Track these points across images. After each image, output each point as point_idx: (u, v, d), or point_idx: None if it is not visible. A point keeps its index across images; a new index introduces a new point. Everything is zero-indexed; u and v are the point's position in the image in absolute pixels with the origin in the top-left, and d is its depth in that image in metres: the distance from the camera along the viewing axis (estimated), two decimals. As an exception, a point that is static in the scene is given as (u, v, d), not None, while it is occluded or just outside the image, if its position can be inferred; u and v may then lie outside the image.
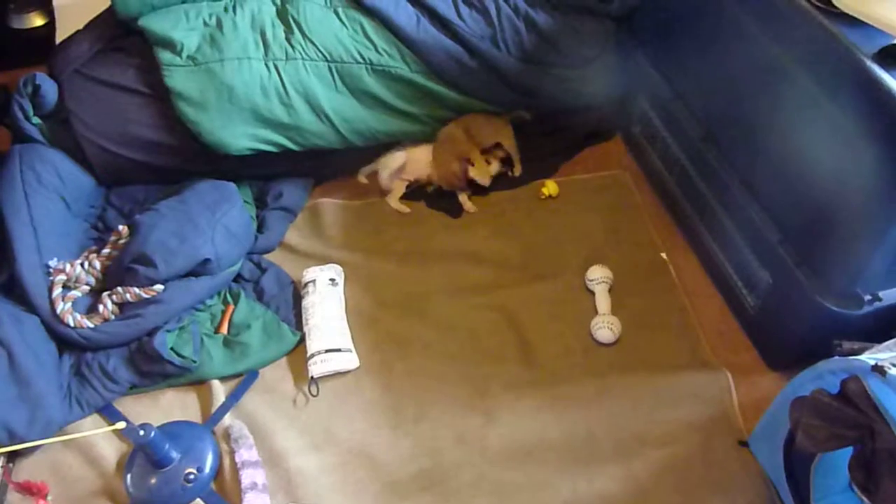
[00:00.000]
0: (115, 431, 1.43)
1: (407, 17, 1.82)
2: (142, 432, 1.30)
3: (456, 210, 1.87)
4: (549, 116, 2.00)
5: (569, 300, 1.67)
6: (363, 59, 1.77)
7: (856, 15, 1.24)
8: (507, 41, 1.86)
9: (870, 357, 1.06)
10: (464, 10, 1.87)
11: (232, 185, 1.76)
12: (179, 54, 1.69)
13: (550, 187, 1.89)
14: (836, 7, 1.26)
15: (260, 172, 1.86)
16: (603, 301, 1.63)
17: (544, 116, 2.00)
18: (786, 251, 1.41)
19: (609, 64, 1.93)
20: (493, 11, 1.87)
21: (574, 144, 2.01)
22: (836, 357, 1.11)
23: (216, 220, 1.64)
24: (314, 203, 1.90)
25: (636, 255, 1.75)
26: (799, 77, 1.32)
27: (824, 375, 1.10)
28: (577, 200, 1.89)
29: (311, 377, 1.52)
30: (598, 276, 1.66)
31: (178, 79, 1.68)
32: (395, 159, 1.88)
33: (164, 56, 1.69)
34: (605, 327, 1.58)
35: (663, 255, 1.75)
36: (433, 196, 1.92)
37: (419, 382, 1.54)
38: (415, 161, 1.88)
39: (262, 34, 1.75)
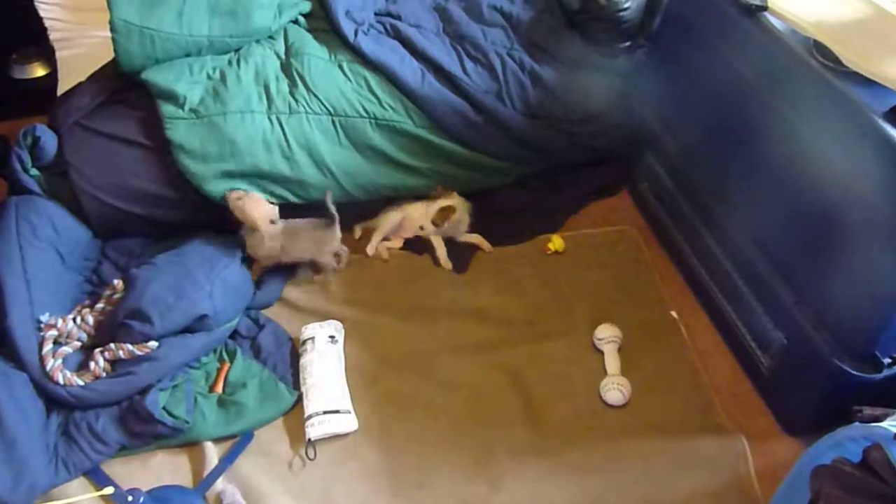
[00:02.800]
0: (103, 497, 1.38)
1: (412, 71, 1.83)
2: (130, 498, 1.27)
3: (461, 265, 1.84)
4: (555, 171, 2.00)
5: (576, 360, 1.63)
6: (367, 113, 1.78)
7: (865, 73, 1.24)
8: (513, 96, 1.87)
9: (892, 424, 1.03)
10: (469, 65, 1.88)
11: (232, 238, 1.74)
12: (182, 107, 1.69)
13: (556, 242, 1.87)
14: (844, 66, 1.26)
15: (260, 225, 1.85)
16: (612, 361, 1.59)
17: (550, 171, 1.99)
18: (801, 312, 1.38)
19: (615, 119, 1.94)
20: (498, 67, 1.88)
21: (580, 199, 2.00)
22: (857, 424, 1.08)
23: (215, 274, 1.61)
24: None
25: (645, 313, 1.72)
26: (809, 135, 1.32)
27: (845, 443, 1.07)
28: (584, 256, 1.86)
29: (309, 439, 1.47)
30: (607, 335, 1.63)
31: (180, 131, 1.68)
32: (391, 219, 1.86)
33: (167, 109, 1.69)
34: (615, 388, 1.53)
35: (673, 313, 1.72)
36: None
37: (421, 446, 1.49)
38: (411, 219, 1.87)
39: (266, 88, 1.76)
